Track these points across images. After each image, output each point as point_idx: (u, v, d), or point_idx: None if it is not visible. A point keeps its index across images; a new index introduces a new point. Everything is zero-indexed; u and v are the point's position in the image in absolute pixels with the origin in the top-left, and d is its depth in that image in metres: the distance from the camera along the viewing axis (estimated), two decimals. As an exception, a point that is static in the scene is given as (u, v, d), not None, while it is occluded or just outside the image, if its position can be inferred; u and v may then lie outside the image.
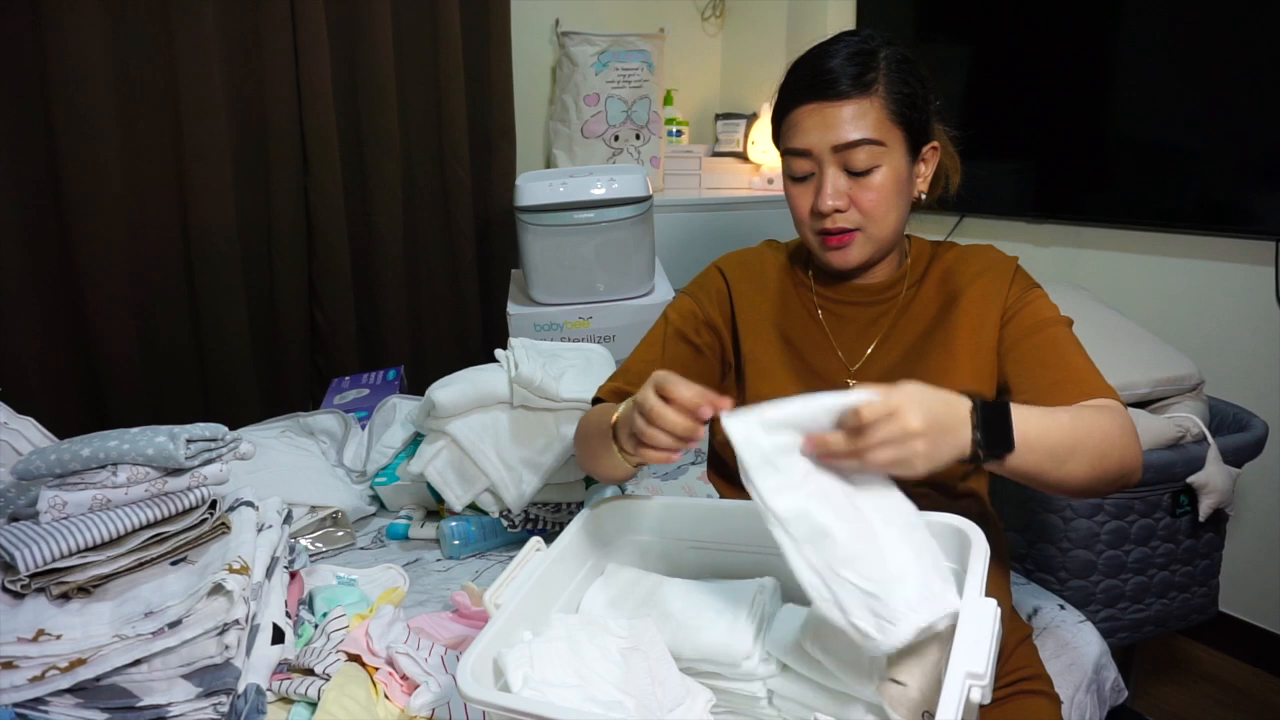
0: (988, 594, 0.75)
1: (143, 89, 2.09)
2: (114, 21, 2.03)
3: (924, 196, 1.09)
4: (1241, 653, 2.13)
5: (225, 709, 0.92)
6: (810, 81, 1.02)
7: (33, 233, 2.00)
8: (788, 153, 1.05)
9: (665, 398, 0.83)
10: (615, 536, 1.01)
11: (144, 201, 2.13)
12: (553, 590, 0.91)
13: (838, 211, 1.02)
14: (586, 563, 0.98)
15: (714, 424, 0.83)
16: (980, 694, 0.65)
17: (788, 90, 1.05)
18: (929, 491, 1.05)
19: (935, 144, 1.08)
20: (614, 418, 0.94)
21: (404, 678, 1.01)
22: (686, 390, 0.82)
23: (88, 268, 2.06)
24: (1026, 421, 0.84)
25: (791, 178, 1.06)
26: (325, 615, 1.10)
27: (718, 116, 3.16)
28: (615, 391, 1.10)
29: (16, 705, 0.85)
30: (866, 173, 1.01)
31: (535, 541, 0.93)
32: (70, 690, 0.87)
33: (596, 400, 1.13)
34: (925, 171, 1.08)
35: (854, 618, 0.72)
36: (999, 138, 2.43)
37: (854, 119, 0.99)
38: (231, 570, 0.96)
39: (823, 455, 0.78)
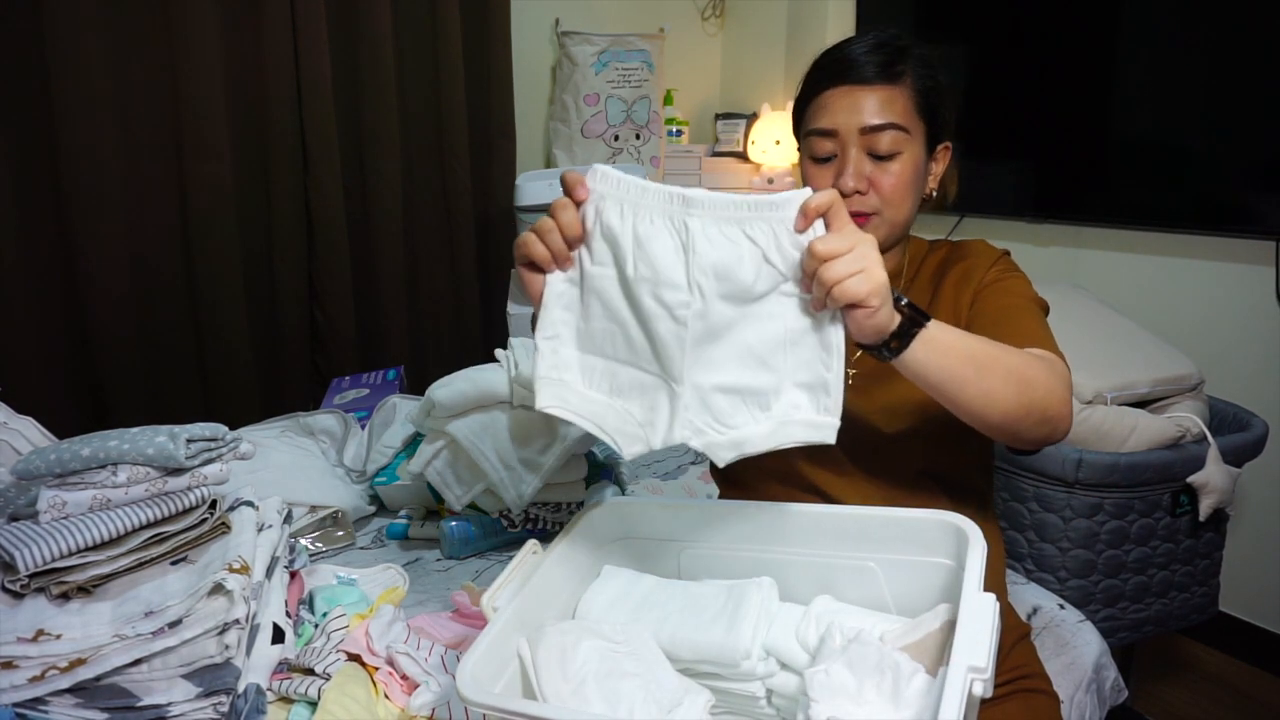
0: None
1: (143, 89, 2.09)
2: (114, 21, 2.03)
3: (934, 194, 1.11)
4: (1241, 653, 2.13)
5: (225, 709, 0.92)
6: (841, 67, 1.04)
7: (33, 232, 2.01)
8: (811, 134, 1.06)
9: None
10: (612, 538, 1.01)
11: (144, 201, 2.13)
12: (550, 593, 0.91)
13: (858, 193, 1.03)
14: (584, 565, 0.98)
15: None
16: (982, 687, 0.65)
17: (815, 75, 1.07)
18: (931, 489, 1.05)
19: (948, 145, 1.10)
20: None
21: (404, 677, 1.01)
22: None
23: (88, 267, 2.06)
24: (944, 328, 0.84)
25: (813, 158, 1.07)
26: (325, 615, 1.10)
27: (718, 116, 3.16)
28: None
29: (16, 705, 0.85)
30: (889, 158, 1.02)
31: (532, 544, 0.92)
32: (70, 690, 0.87)
33: None
34: (936, 170, 1.10)
35: None
36: (999, 138, 2.43)
37: (882, 104, 1.02)
38: (231, 570, 0.96)
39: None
